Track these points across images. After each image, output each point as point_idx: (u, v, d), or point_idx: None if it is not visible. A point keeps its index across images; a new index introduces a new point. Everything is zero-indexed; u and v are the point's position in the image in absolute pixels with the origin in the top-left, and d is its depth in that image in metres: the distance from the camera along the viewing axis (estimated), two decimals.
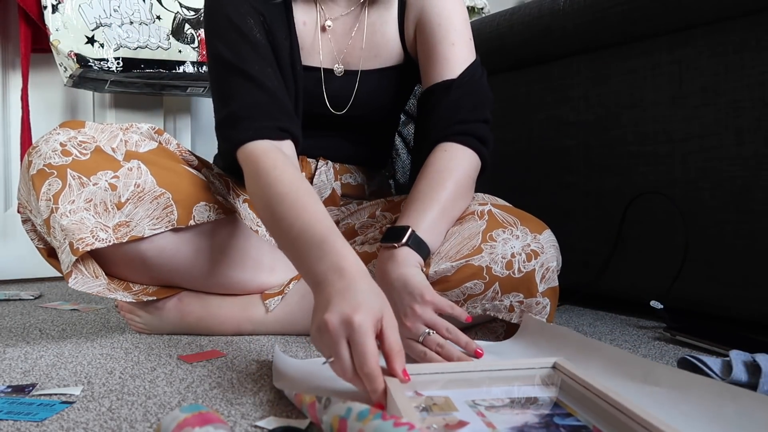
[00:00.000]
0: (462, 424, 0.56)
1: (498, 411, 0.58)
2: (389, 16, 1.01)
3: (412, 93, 1.14)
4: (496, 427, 0.54)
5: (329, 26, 0.99)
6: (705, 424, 0.53)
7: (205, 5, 0.94)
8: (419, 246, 0.80)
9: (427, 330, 0.71)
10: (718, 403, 0.57)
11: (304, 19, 0.99)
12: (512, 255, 0.84)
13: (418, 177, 0.89)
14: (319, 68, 1.01)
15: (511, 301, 0.85)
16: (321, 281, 0.64)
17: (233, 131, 0.84)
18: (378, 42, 1.01)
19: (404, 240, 0.79)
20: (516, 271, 0.84)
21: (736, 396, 0.57)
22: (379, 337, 0.58)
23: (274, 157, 0.80)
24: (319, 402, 0.53)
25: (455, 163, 0.89)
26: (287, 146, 0.86)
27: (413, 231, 0.81)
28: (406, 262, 0.78)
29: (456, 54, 0.95)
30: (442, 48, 0.95)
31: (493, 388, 0.63)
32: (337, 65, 1.01)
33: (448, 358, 0.68)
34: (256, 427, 0.55)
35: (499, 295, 0.85)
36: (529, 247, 0.85)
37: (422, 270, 0.81)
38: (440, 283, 0.85)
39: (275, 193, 0.75)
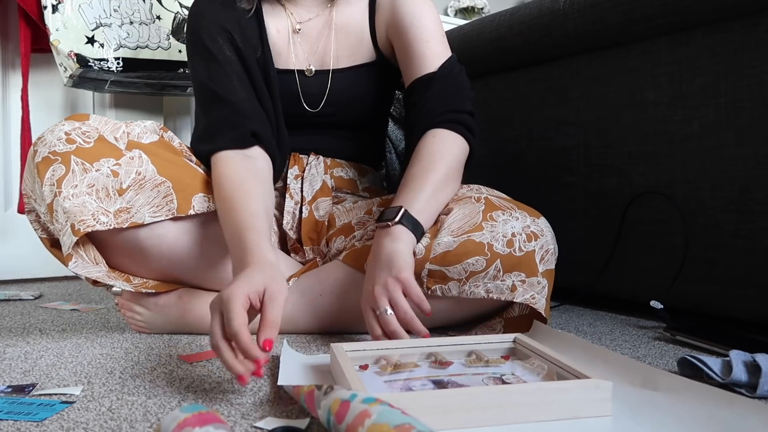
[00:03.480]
0: (401, 366, 0.66)
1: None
2: (359, 16, 1.07)
3: (393, 91, 1.17)
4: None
5: (299, 30, 1.05)
6: (700, 427, 0.53)
7: (186, 28, 1.04)
8: (413, 224, 0.85)
9: (387, 308, 0.78)
10: (714, 408, 0.57)
11: (277, 26, 1.06)
12: (513, 234, 0.87)
13: (411, 161, 0.93)
14: (293, 70, 1.06)
15: (513, 281, 0.86)
16: (234, 271, 0.76)
17: (203, 145, 0.95)
18: (351, 42, 1.07)
19: (397, 218, 0.84)
20: (517, 250, 0.86)
21: (731, 401, 0.57)
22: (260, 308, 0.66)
23: (225, 165, 0.90)
24: (319, 389, 0.53)
25: (446, 147, 0.93)
26: (255, 151, 0.95)
27: (406, 210, 0.85)
28: (399, 238, 0.83)
29: (431, 50, 1.00)
30: (418, 46, 1.00)
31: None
32: (308, 65, 1.06)
33: (393, 337, 0.76)
34: (255, 427, 0.55)
35: (501, 273, 0.86)
36: (528, 229, 0.88)
37: (414, 249, 0.85)
38: (442, 258, 0.87)
39: (220, 197, 0.87)
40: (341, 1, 1.06)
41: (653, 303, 1.00)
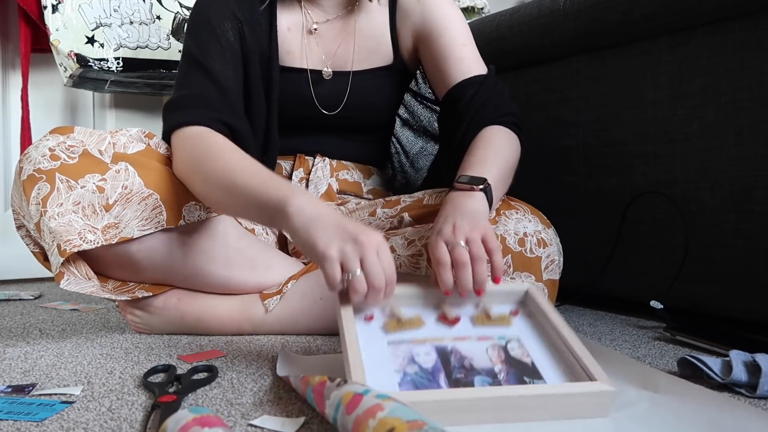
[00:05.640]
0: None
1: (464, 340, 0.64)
2: (379, 20, 1.06)
3: (403, 95, 1.16)
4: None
5: (315, 30, 1.04)
6: (701, 430, 0.53)
7: (192, 8, 1.01)
8: (490, 199, 0.79)
9: (463, 243, 0.69)
10: (715, 412, 0.57)
11: (288, 24, 1.04)
12: (525, 234, 0.86)
13: (476, 144, 0.89)
14: (306, 70, 1.04)
15: (522, 281, 0.85)
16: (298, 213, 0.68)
17: (175, 114, 0.89)
18: (369, 45, 1.06)
19: (482, 186, 0.78)
20: (528, 251, 0.86)
21: (733, 407, 0.57)
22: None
23: (223, 138, 0.86)
24: (332, 381, 0.53)
25: (510, 142, 0.91)
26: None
27: (489, 184, 0.79)
28: (481, 203, 0.77)
29: (470, 53, 1.00)
30: (456, 49, 1.00)
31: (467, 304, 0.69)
32: (325, 68, 1.04)
33: (457, 278, 0.67)
34: (251, 425, 0.55)
35: (511, 270, 0.85)
36: (539, 234, 0.88)
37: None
38: None
39: (235, 160, 0.81)
40: (363, 6, 1.05)
41: (653, 303, 1.00)
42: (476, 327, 0.66)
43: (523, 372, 0.60)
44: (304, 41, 1.04)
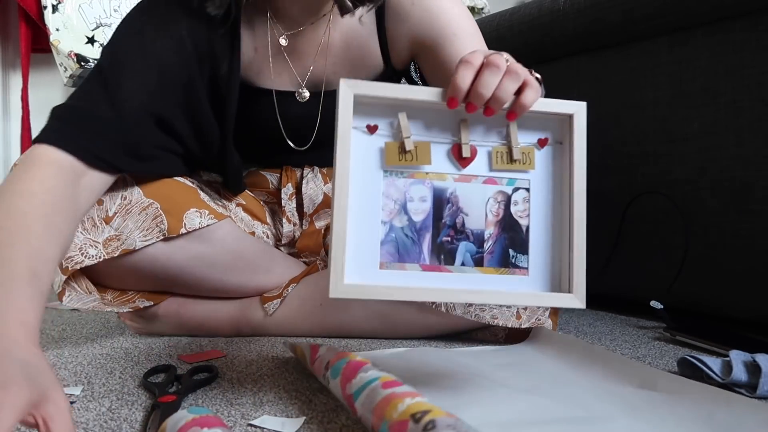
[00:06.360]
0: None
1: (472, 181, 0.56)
2: (365, 28, 0.94)
3: None
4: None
5: (284, 45, 0.91)
6: (699, 427, 0.54)
7: (128, 13, 0.87)
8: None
9: (507, 59, 0.58)
10: (712, 408, 0.57)
11: (255, 43, 0.92)
12: None
13: None
14: (272, 91, 0.94)
15: (517, 308, 0.86)
16: None
17: (52, 124, 0.73)
18: (353, 58, 0.95)
19: (537, 76, 0.68)
20: None
21: (730, 401, 0.57)
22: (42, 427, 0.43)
23: (52, 173, 0.67)
24: (373, 365, 0.53)
25: None
26: (94, 176, 0.74)
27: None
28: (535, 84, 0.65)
29: (478, 44, 0.89)
30: (462, 41, 0.88)
31: (490, 133, 0.58)
32: (299, 90, 0.94)
33: (479, 80, 0.55)
34: (251, 425, 0.55)
35: None
36: None
37: None
38: None
39: (13, 205, 0.61)
40: (338, 14, 0.88)
41: (653, 303, 1.00)
42: (492, 171, 0.57)
43: (511, 243, 0.56)
44: (275, 60, 0.92)
